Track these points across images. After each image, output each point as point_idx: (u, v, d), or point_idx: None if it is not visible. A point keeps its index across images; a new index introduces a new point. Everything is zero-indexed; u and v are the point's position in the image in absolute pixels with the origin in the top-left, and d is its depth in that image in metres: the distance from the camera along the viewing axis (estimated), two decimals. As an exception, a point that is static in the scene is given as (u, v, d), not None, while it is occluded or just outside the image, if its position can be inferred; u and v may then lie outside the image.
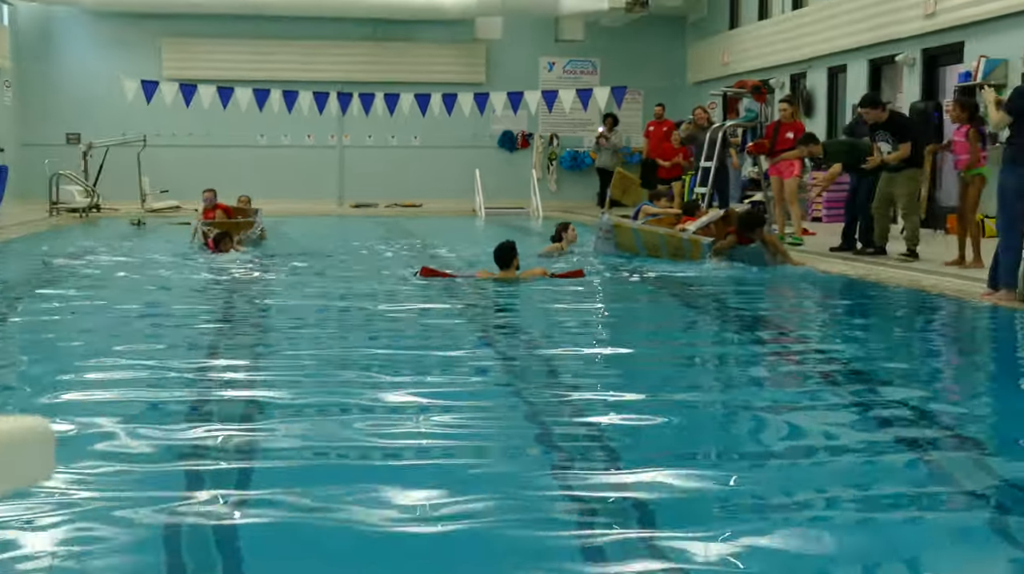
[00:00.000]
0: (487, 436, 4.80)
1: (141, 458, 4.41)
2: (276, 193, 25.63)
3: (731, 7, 24.54)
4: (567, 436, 4.79)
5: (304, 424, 4.95)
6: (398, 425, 4.94)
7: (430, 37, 26.65)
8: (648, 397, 5.60)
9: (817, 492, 4.10)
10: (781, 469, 4.39)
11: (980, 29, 15.51)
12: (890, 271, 11.21)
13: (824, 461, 4.59)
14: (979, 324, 8.72)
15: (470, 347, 7.10)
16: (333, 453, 4.55)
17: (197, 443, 4.64)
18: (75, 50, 25.90)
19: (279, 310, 8.90)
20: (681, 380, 6.32)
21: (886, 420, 5.15)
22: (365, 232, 18.09)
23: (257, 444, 4.66)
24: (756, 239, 11.94)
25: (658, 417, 5.13)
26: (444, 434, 4.82)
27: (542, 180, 26.02)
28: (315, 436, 4.75)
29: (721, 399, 5.89)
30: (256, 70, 25.53)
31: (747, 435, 5.15)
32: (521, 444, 4.72)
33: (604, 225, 13.83)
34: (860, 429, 5.03)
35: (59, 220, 20.77)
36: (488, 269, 10.65)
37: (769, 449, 4.82)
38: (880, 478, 4.27)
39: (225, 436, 4.75)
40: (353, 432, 4.80)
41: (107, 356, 6.51)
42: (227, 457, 4.44)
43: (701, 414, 5.49)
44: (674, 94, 26.40)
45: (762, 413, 5.45)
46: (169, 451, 4.52)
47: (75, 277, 11.18)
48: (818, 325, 8.72)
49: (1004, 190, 9.28)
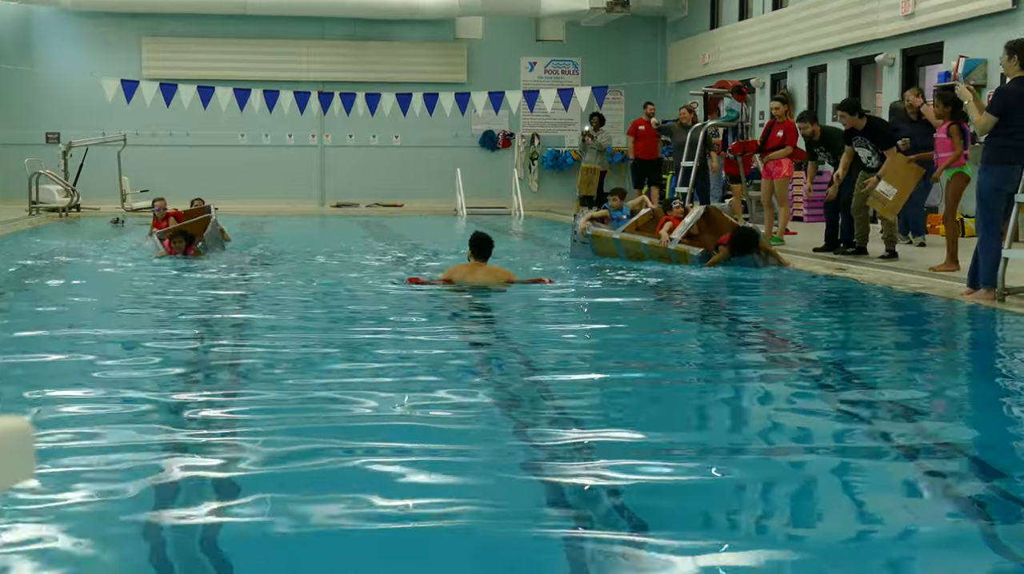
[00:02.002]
0: (472, 446, 4.79)
1: (123, 452, 4.40)
2: (257, 193, 25.62)
3: (711, 7, 24.59)
4: (548, 435, 4.80)
5: (285, 423, 4.94)
6: (380, 430, 4.94)
7: (411, 37, 26.62)
8: (633, 403, 5.61)
9: (802, 497, 4.11)
10: (768, 472, 4.40)
11: (959, 29, 15.59)
12: (873, 271, 11.24)
13: (810, 463, 4.61)
14: (959, 323, 8.75)
15: (456, 352, 7.09)
16: (314, 455, 4.54)
17: (178, 442, 4.62)
18: (55, 49, 25.78)
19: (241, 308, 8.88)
20: (673, 393, 6.33)
21: (870, 420, 5.16)
22: (346, 233, 18.05)
23: (236, 438, 4.65)
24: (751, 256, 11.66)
25: (642, 420, 5.14)
26: (428, 438, 4.81)
27: (523, 180, 26.04)
28: (297, 433, 4.74)
29: (707, 400, 5.91)
30: (237, 70, 25.46)
31: (732, 434, 5.16)
32: (504, 450, 4.72)
33: (579, 230, 13.23)
34: (844, 430, 5.05)
35: (39, 219, 20.68)
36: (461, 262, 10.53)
37: (754, 451, 4.82)
38: (866, 479, 4.29)
39: (207, 440, 4.74)
40: (336, 435, 4.79)
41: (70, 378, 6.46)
42: (209, 462, 4.42)
43: (686, 415, 5.51)
44: (655, 94, 26.45)
45: (747, 413, 5.47)
46: (149, 452, 4.50)
47: (42, 278, 11.13)
48: (799, 326, 8.73)
49: (982, 189, 9.33)
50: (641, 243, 12.44)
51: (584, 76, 26.87)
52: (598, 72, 26.43)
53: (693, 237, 12.43)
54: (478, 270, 9.96)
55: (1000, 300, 8.85)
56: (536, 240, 17.18)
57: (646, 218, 13.14)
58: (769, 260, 11.79)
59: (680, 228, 12.36)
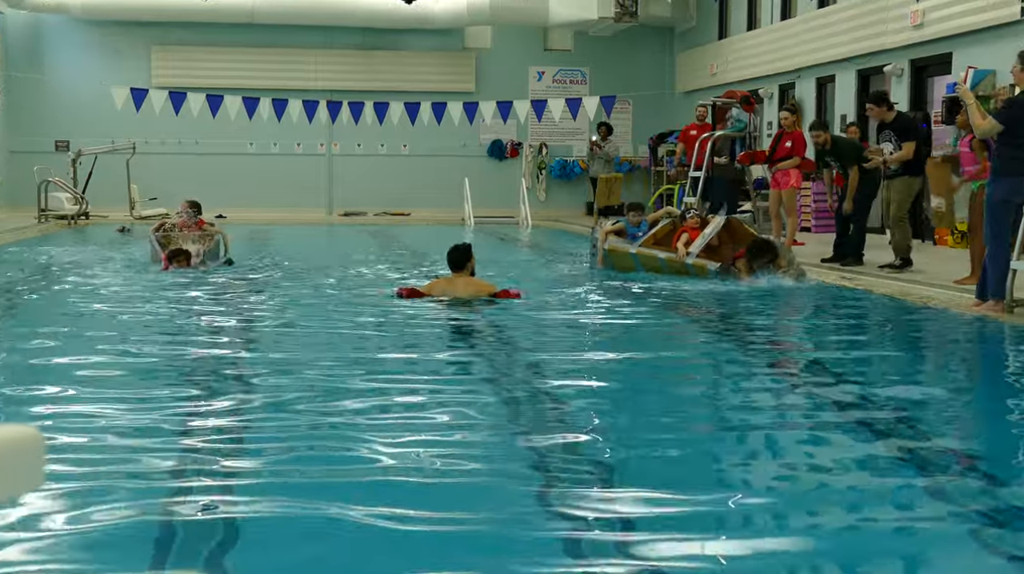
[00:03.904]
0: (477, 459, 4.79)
1: (130, 456, 4.40)
2: (265, 201, 25.67)
3: (720, 17, 24.60)
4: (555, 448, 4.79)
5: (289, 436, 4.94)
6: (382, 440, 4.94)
7: (420, 46, 26.67)
8: (637, 416, 5.60)
9: (808, 513, 4.11)
10: (779, 489, 4.39)
11: (968, 40, 15.57)
12: (883, 282, 11.21)
13: (818, 476, 4.60)
14: (967, 335, 8.73)
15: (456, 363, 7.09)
16: (318, 471, 4.54)
17: (184, 449, 4.63)
18: (65, 57, 25.87)
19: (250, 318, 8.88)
20: (685, 399, 6.32)
21: (880, 432, 5.15)
22: (353, 243, 18.04)
23: (240, 439, 4.66)
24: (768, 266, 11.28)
25: (651, 436, 5.13)
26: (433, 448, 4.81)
27: (531, 189, 26.05)
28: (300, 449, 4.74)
29: (714, 416, 5.90)
30: (246, 78, 25.51)
31: (738, 452, 5.15)
32: (509, 463, 4.71)
33: (597, 243, 13.06)
34: (850, 441, 5.04)
35: (48, 227, 20.74)
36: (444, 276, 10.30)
37: (765, 469, 4.82)
38: (872, 492, 4.28)
39: (213, 449, 4.74)
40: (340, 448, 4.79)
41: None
42: (216, 466, 4.43)
43: (694, 432, 5.50)
44: (662, 104, 26.48)
45: (759, 431, 5.46)
46: (157, 459, 4.51)
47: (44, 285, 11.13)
48: (809, 337, 8.72)
49: (990, 201, 9.32)
50: (658, 257, 12.11)
51: (592, 86, 26.89)
52: (606, 82, 26.44)
53: (713, 249, 12.05)
54: (457, 282, 9.89)
55: (1009, 311, 8.83)
56: (543, 249, 17.16)
57: (666, 229, 12.73)
58: (789, 271, 11.32)
59: (699, 240, 12.00)
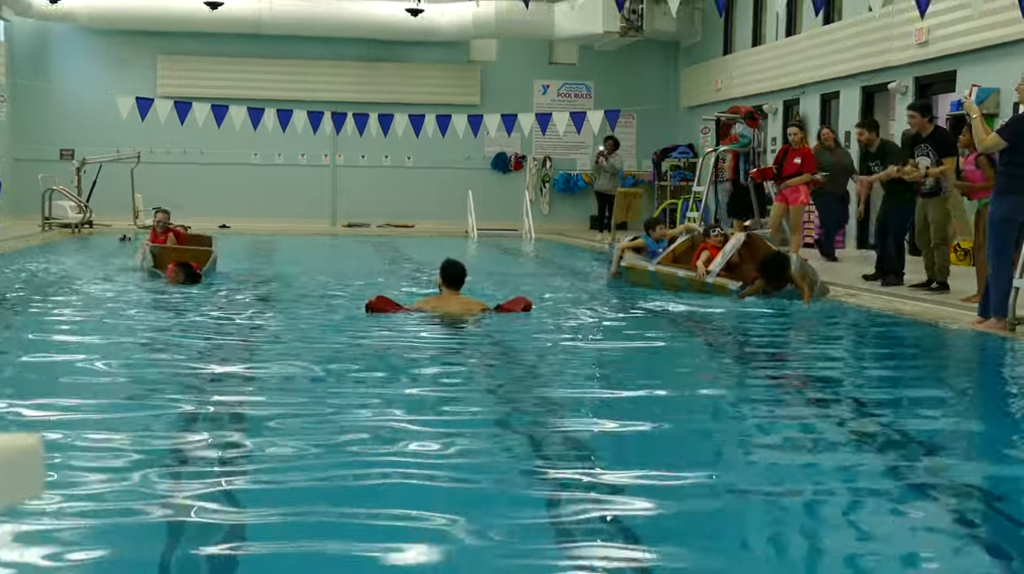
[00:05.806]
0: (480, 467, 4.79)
1: (128, 471, 4.40)
2: (269, 212, 25.71)
3: (725, 33, 24.65)
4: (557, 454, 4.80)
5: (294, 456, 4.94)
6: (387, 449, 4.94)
7: (425, 58, 26.73)
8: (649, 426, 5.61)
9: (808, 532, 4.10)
10: (778, 513, 4.39)
11: (972, 58, 15.60)
12: (880, 299, 11.22)
13: (816, 500, 4.60)
14: (968, 352, 8.73)
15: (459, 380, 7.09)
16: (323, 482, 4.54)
17: (184, 455, 4.63)
18: (70, 66, 25.93)
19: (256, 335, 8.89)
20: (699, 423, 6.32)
21: (881, 447, 5.15)
22: (356, 255, 18.04)
23: (244, 447, 4.66)
24: (784, 285, 10.92)
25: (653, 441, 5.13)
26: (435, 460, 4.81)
27: (535, 202, 26.07)
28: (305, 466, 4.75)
29: (717, 427, 5.90)
30: (251, 89, 25.56)
31: (740, 458, 5.15)
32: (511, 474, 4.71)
33: (614, 259, 12.86)
34: (855, 461, 5.04)
35: (51, 235, 20.77)
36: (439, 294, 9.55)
37: (768, 483, 4.81)
38: (873, 512, 4.28)
39: (216, 454, 4.74)
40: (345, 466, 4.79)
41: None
42: (216, 471, 4.43)
43: (701, 442, 5.50)
44: (667, 119, 26.51)
45: (767, 448, 5.45)
46: (154, 471, 4.51)
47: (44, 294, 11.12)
48: (806, 354, 8.73)
49: (993, 219, 9.31)
50: (677, 276, 11.72)
51: (596, 100, 26.92)
52: (610, 96, 26.46)
53: (733, 267, 11.74)
54: (451, 300, 9.20)
55: (1011, 330, 8.82)
56: (546, 262, 17.17)
57: (684, 246, 12.43)
58: (815, 289, 10.93)
59: (719, 259, 11.66)
